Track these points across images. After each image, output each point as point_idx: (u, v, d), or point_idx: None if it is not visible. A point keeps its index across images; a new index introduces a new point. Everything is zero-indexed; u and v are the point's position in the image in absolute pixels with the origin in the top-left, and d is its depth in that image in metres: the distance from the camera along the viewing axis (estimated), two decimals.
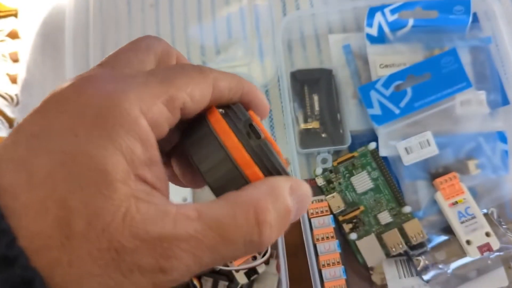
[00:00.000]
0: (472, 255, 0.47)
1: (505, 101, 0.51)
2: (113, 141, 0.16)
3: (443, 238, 0.48)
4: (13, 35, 0.58)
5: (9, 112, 0.54)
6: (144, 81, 0.18)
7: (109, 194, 0.15)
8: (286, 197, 0.19)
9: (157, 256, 0.16)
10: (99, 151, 0.16)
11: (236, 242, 0.17)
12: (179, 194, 0.49)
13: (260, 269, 0.47)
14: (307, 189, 0.21)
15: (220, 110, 0.22)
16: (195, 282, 0.47)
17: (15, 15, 0.58)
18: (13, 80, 0.56)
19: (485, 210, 0.49)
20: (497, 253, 0.47)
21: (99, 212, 0.15)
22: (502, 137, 0.50)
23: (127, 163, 0.16)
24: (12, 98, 0.55)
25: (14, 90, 0.55)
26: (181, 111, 0.20)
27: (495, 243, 0.47)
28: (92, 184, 0.15)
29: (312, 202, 0.49)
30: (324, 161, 0.51)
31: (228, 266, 0.47)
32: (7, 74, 0.56)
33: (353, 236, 0.48)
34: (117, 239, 0.15)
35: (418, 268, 0.47)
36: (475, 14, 0.54)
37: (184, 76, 0.19)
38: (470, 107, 0.50)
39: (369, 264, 0.48)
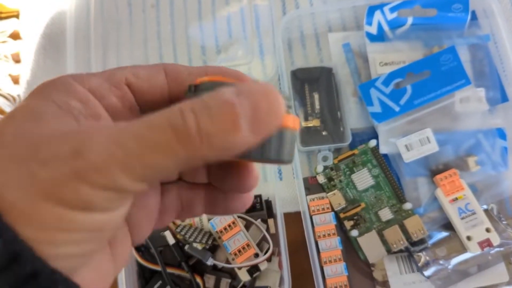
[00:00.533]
0: (473, 251, 0.47)
1: (504, 98, 0.51)
2: (47, 97, 0.18)
3: (444, 234, 0.48)
4: (15, 36, 0.58)
5: None
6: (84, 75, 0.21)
7: (35, 119, 0.17)
8: (224, 91, 0.16)
9: (74, 140, 0.16)
10: (34, 103, 0.18)
11: (161, 127, 0.15)
12: None
13: (262, 267, 0.47)
14: (263, 83, 0.17)
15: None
16: (198, 279, 0.47)
17: (17, 16, 0.59)
18: (15, 81, 0.56)
19: (485, 206, 0.49)
20: (498, 249, 0.47)
21: (26, 129, 0.17)
22: (502, 134, 0.51)
23: (62, 110, 0.18)
24: (14, 99, 0.55)
25: (16, 90, 0.55)
26: (130, 87, 0.21)
27: (495, 239, 0.47)
28: (22, 117, 0.17)
29: (313, 200, 0.49)
30: (324, 158, 0.51)
31: (230, 264, 0.47)
32: (9, 75, 0.56)
33: (354, 233, 0.48)
34: (39, 139, 0.16)
35: (419, 264, 0.47)
36: (473, 12, 0.54)
37: (126, 67, 0.21)
38: (470, 104, 0.50)
39: (370, 261, 0.48)
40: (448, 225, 0.49)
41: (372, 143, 0.50)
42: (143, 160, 0.15)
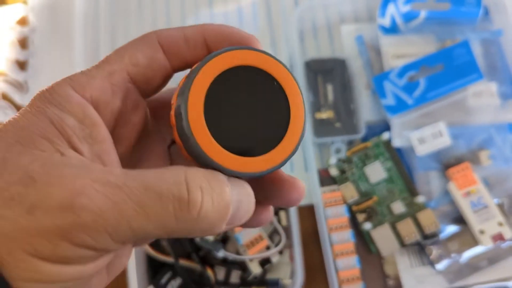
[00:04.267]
0: (485, 245, 0.45)
1: None
2: (41, 110, 0.16)
3: (455, 228, 0.46)
4: (22, 21, 0.54)
5: (17, 98, 0.51)
6: (83, 70, 0.18)
7: (26, 143, 0.15)
8: (224, 180, 0.16)
9: (66, 191, 0.14)
10: (27, 117, 0.16)
11: (162, 196, 0.15)
12: None
13: (274, 259, 0.45)
14: (250, 190, 0.18)
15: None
16: (209, 271, 0.45)
17: (24, 2, 0.55)
18: (22, 67, 0.53)
19: (496, 200, 0.47)
20: (509, 243, 0.46)
21: (14, 155, 0.15)
22: None
23: (54, 126, 0.16)
24: (21, 85, 0.52)
25: (23, 76, 0.52)
26: (133, 81, 0.19)
27: (507, 233, 0.45)
28: (13, 136, 0.15)
29: (325, 192, 0.47)
30: (337, 150, 0.48)
31: (241, 254, 0.44)
32: (16, 61, 0.53)
33: (367, 226, 0.46)
34: (29, 175, 0.14)
35: (431, 257, 0.45)
36: (486, 7, 0.52)
37: (120, 50, 0.19)
38: (482, 99, 0.48)
39: (383, 254, 0.46)
40: (459, 219, 0.47)
41: (385, 136, 0.48)
42: (134, 226, 0.14)
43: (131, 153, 0.21)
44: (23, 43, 0.53)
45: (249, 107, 0.18)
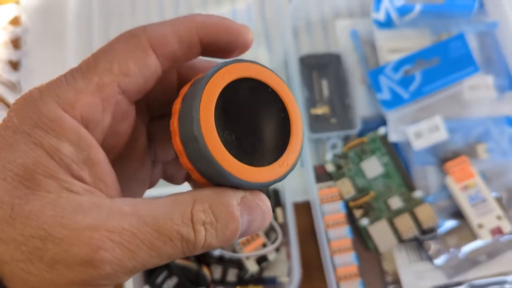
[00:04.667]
0: (484, 239, 0.44)
1: None
2: (34, 140, 0.16)
3: (453, 222, 0.46)
4: (14, 21, 0.54)
5: (10, 99, 0.50)
6: (67, 79, 0.17)
7: (31, 185, 0.15)
8: (232, 204, 0.17)
9: (85, 247, 0.14)
10: (20, 150, 0.15)
11: (173, 239, 0.16)
12: None
13: (270, 256, 0.44)
14: (264, 204, 0.18)
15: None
16: (205, 269, 0.44)
17: (17, 2, 0.55)
18: (15, 67, 0.52)
19: (494, 194, 0.46)
20: (508, 236, 0.45)
21: (22, 201, 0.15)
22: (510, 122, 0.48)
23: (53, 160, 0.16)
24: (14, 85, 0.51)
25: (16, 77, 0.52)
26: (124, 93, 0.18)
27: (506, 226, 0.44)
28: (14, 177, 0.15)
29: (322, 188, 0.46)
30: (333, 146, 0.48)
31: (237, 252, 0.44)
32: (9, 61, 0.52)
33: (364, 221, 0.45)
34: (43, 227, 0.14)
35: (429, 252, 0.45)
36: (480, 0, 0.51)
37: (109, 54, 0.17)
38: (478, 92, 0.48)
39: (381, 250, 0.45)
40: (457, 214, 0.46)
41: (381, 130, 0.47)
42: (147, 265, 0.16)
43: (118, 158, 0.21)
44: (16, 43, 0.53)
45: (254, 118, 0.18)
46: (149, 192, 0.23)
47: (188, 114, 0.17)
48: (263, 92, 0.19)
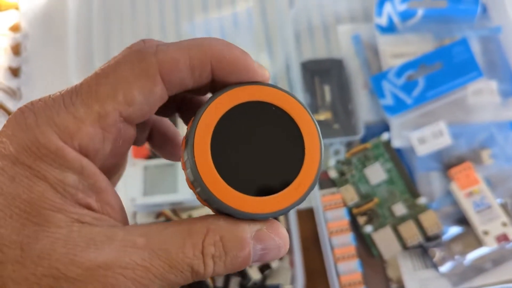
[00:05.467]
0: (489, 245, 0.43)
1: None
2: (37, 174, 0.15)
3: (457, 229, 0.45)
4: (14, 28, 0.53)
5: (11, 106, 0.50)
6: (66, 103, 0.16)
7: (39, 221, 0.15)
8: (244, 238, 0.17)
9: (100, 285, 0.14)
10: (23, 184, 0.15)
11: (183, 270, 0.16)
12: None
13: (274, 264, 0.43)
14: (280, 238, 0.17)
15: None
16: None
17: (17, 8, 0.54)
18: (15, 73, 0.51)
19: (499, 200, 0.45)
20: None
21: (31, 239, 0.14)
22: None
23: (58, 192, 0.15)
24: (14, 92, 0.51)
25: (16, 83, 0.51)
26: (126, 120, 0.17)
27: (511, 233, 0.44)
28: (21, 214, 0.15)
29: (325, 195, 0.46)
30: (336, 152, 0.47)
31: None
32: (9, 67, 0.52)
33: (368, 228, 0.44)
34: (55, 266, 0.14)
35: (434, 259, 0.44)
36: (484, 4, 0.51)
37: (112, 79, 0.16)
38: (482, 97, 0.47)
39: (385, 257, 0.44)
40: (461, 220, 0.45)
41: (385, 136, 0.46)
42: None
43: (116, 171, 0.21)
44: (16, 49, 0.52)
45: (261, 144, 0.17)
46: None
47: (185, 157, 0.17)
48: (268, 113, 0.18)
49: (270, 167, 0.17)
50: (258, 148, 0.17)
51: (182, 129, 0.45)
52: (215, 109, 0.17)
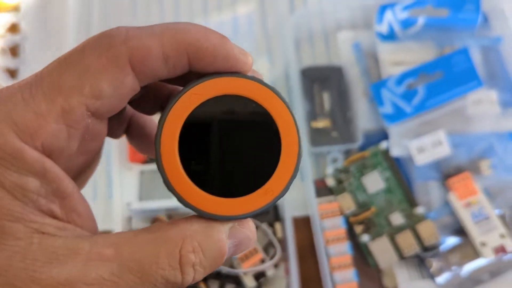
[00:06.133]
0: (487, 257, 0.43)
1: None
2: None
3: (455, 239, 0.45)
4: (13, 29, 0.53)
5: None
6: (25, 97, 0.14)
7: None
8: (221, 239, 0.16)
9: None
10: None
11: (157, 283, 0.15)
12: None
13: (269, 272, 0.43)
14: (250, 231, 0.17)
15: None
16: (202, 285, 0.43)
17: (16, 9, 0.54)
18: (13, 75, 0.51)
19: (497, 211, 0.45)
20: (511, 255, 0.44)
21: None
22: None
23: (17, 199, 0.14)
24: None
25: None
26: (94, 115, 0.15)
27: (509, 245, 0.43)
28: None
29: (322, 203, 0.45)
30: (334, 160, 0.47)
31: (235, 268, 0.43)
32: (7, 69, 0.51)
33: (365, 238, 0.44)
34: (12, 282, 0.13)
35: (431, 270, 0.43)
36: (485, 14, 0.50)
37: (77, 69, 0.15)
38: (482, 106, 0.47)
39: (381, 266, 0.44)
40: (459, 231, 0.45)
41: (383, 145, 0.46)
42: None
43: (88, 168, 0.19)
44: (14, 51, 0.52)
45: (235, 143, 0.16)
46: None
47: (156, 152, 0.16)
48: (244, 109, 0.16)
49: (241, 168, 0.16)
50: (231, 148, 0.16)
51: None
52: (186, 103, 0.16)
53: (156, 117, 0.22)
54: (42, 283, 0.13)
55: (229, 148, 0.16)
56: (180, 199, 0.16)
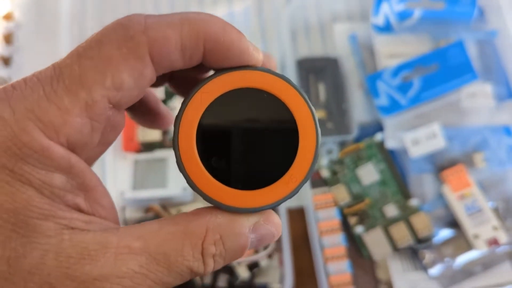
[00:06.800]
0: (480, 249, 0.43)
1: (511, 95, 0.48)
2: (20, 178, 0.13)
3: (449, 232, 0.45)
4: (7, 17, 0.52)
5: None
6: (47, 93, 0.14)
7: (26, 232, 0.13)
8: (243, 233, 0.16)
9: None
10: (5, 192, 0.13)
11: (182, 273, 0.15)
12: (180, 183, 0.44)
13: (262, 262, 0.43)
14: (275, 227, 0.17)
15: None
16: None
17: None
18: (6, 63, 0.50)
19: (491, 204, 0.45)
20: (504, 247, 0.44)
21: (19, 253, 0.13)
22: (508, 131, 0.47)
23: (45, 196, 0.14)
24: (5, 81, 0.50)
25: (7, 73, 0.50)
26: (115, 106, 0.15)
27: (502, 237, 0.43)
28: (5, 225, 0.13)
29: (316, 194, 0.45)
30: (329, 151, 0.46)
31: None
32: (1, 57, 0.50)
33: (359, 229, 0.44)
34: (48, 281, 0.13)
35: (424, 262, 0.43)
36: (480, 8, 0.50)
37: (98, 62, 0.14)
38: (477, 100, 0.47)
39: (375, 258, 0.44)
40: (453, 223, 0.45)
41: (378, 137, 0.46)
42: None
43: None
44: (8, 38, 0.51)
45: (252, 135, 0.16)
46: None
47: (174, 147, 0.16)
48: (260, 101, 0.16)
49: (260, 159, 0.16)
50: (248, 140, 0.16)
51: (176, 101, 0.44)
52: (203, 97, 0.16)
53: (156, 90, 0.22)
54: (77, 279, 0.13)
55: (246, 141, 0.16)
56: (205, 196, 0.16)
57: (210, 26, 0.15)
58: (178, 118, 0.16)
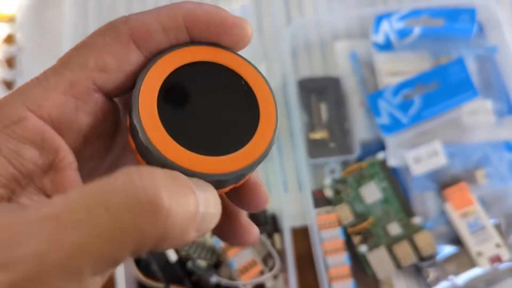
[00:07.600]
0: (483, 266, 0.43)
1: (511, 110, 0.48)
2: None
3: (452, 249, 0.45)
4: (8, 40, 0.52)
5: None
6: (39, 78, 0.15)
7: None
8: (186, 181, 0.14)
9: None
10: None
11: (128, 207, 0.12)
12: None
13: (268, 284, 0.43)
14: (213, 192, 0.15)
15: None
16: None
17: (11, 19, 0.53)
18: (9, 87, 0.50)
19: (493, 220, 0.45)
20: (507, 264, 0.44)
21: None
22: (509, 147, 0.47)
23: (12, 166, 0.14)
24: None
25: None
26: (102, 90, 0.16)
27: (504, 254, 0.43)
28: None
29: (320, 214, 0.45)
30: (332, 171, 0.47)
31: (235, 280, 0.43)
32: (3, 81, 0.51)
33: (363, 248, 0.44)
34: None
35: (428, 280, 0.44)
36: (480, 24, 0.51)
37: (84, 48, 0.16)
38: (477, 116, 0.47)
39: (379, 277, 0.44)
40: (455, 240, 0.45)
41: (380, 155, 0.46)
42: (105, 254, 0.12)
43: (104, 159, 0.19)
44: (10, 62, 0.51)
45: (212, 104, 0.17)
46: None
47: (132, 107, 0.15)
48: (222, 75, 0.17)
49: (220, 129, 0.16)
50: (210, 109, 0.17)
51: None
52: (163, 67, 0.16)
53: None
54: None
55: (209, 110, 0.17)
56: (158, 154, 0.15)
57: (186, 4, 0.17)
58: (139, 82, 0.16)
